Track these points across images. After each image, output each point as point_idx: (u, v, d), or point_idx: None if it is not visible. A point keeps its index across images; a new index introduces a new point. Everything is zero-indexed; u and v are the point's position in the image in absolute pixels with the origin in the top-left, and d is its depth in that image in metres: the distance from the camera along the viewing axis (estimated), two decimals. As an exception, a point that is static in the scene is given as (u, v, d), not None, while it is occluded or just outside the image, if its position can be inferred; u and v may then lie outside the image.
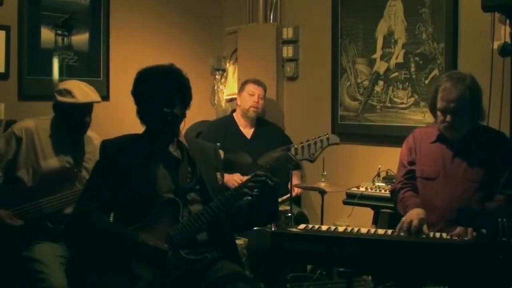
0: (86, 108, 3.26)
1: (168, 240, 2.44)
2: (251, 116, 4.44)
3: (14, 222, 3.02)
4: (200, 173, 2.62)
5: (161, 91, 2.53)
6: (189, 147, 2.66)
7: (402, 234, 2.78)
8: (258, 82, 4.50)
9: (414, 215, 2.84)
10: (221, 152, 3.38)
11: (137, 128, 2.66)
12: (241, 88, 4.54)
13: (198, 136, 4.53)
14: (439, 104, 2.95)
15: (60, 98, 3.21)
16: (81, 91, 3.24)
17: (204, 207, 2.51)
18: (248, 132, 4.48)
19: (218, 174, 2.75)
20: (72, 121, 3.25)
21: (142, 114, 2.61)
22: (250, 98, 4.43)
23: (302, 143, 2.65)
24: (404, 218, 2.84)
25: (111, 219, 2.68)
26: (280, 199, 4.00)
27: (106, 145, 2.62)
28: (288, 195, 3.83)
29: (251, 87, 4.46)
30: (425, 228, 2.80)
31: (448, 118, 2.92)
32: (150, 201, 2.49)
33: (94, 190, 2.54)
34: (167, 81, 2.55)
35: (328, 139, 2.68)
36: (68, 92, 3.20)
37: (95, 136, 3.44)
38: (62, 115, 3.26)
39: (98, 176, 2.58)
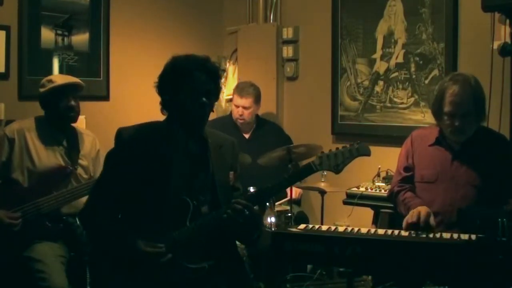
0: (68, 90, 3.29)
1: (171, 244, 2.38)
2: (240, 125, 4.42)
3: (13, 220, 3.02)
4: (214, 173, 2.53)
5: (203, 81, 2.44)
6: (210, 140, 2.56)
7: (409, 221, 2.78)
8: (242, 92, 4.35)
9: (420, 208, 2.84)
10: None
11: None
12: (232, 95, 4.48)
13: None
14: (448, 108, 2.90)
15: (42, 90, 3.28)
16: (61, 77, 3.37)
17: (207, 216, 2.45)
18: (246, 132, 4.48)
19: (231, 174, 2.63)
20: (57, 106, 3.26)
21: (171, 103, 2.49)
22: (235, 110, 4.37)
23: (330, 150, 2.49)
24: (411, 211, 2.84)
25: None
26: (280, 201, 4.00)
27: (122, 134, 2.49)
28: (287, 198, 3.82)
29: (235, 99, 4.37)
30: (432, 219, 2.80)
31: (458, 123, 2.89)
32: (162, 199, 2.41)
33: (106, 185, 2.48)
34: (207, 71, 2.47)
35: (358, 149, 2.49)
36: (48, 81, 3.29)
37: (88, 133, 3.49)
38: (48, 105, 3.30)
39: (112, 167, 2.50)
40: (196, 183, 2.50)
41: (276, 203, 3.93)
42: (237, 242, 2.72)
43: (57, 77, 3.36)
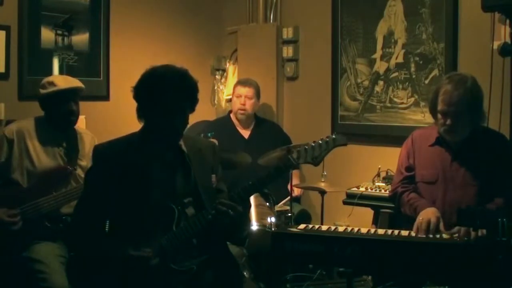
0: (70, 95, 3.27)
1: (159, 250, 2.40)
2: (240, 118, 4.44)
3: (12, 219, 3.02)
4: (195, 177, 2.55)
5: (175, 99, 2.43)
6: (187, 147, 2.58)
7: (419, 234, 2.77)
8: (245, 83, 4.47)
9: (430, 214, 2.84)
10: (214, 140, 3.34)
11: (137, 128, 2.64)
12: (232, 91, 4.56)
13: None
14: (440, 107, 2.93)
15: (43, 91, 3.25)
16: (62, 79, 3.31)
17: (193, 219, 2.47)
18: (245, 132, 4.49)
19: (214, 176, 2.64)
20: (58, 110, 3.25)
21: (145, 114, 2.51)
22: (237, 100, 4.42)
23: (306, 145, 2.53)
24: (420, 218, 2.83)
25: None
26: (282, 202, 4.00)
27: (98, 151, 2.52)
28: (289, 197, 3.82)
29: (237, 89, 4.45)
30: (441, 226, 2.80)
31: (449, 121, 2.90)
32: (146, 208, 2.43)
33: (89, 201, 2.50)
34: (181, 89, 2.44)
35: (334, 140, 2.55)
36: (50, 84, 3.26)
37: (87, 133, 3.48)
38: (48, 108, 3.28)
39: (92, 185, 2.52)
40: (178, 188, 2.52)
41: (278, 204, 3.94)
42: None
43: (59, 80, 3.32)
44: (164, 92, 2.43)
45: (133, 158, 2.48)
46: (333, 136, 2.57)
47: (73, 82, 3.33)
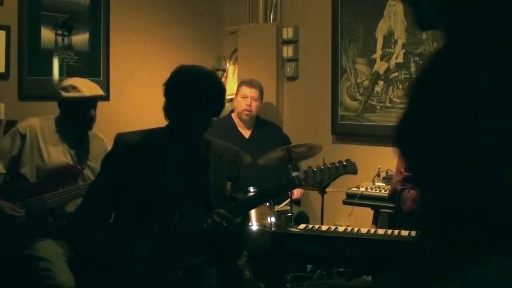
0: (92, 102, 3.29)
1: (152, 250, 2.39)
2: (244, 119, 4.43)
3: (16, 213, 3.02)
4: (209, 182, 2.50)
5: (195, 97, 2.41)
6: (209, 151, 2.53)
7: None
8: (251, 84, 4.45)
9: None
10: None
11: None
12: (236, 91, 4.53)
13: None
14: None
15: (66, 94, 3.24)
16: (86, 85, 3.30)
17: (192, 224, 2.44)
18: (246, 132, 4.49)
19: (229, 184, 2.56)
20: (79, 116, 3.27)
21: (172, 112, 2.48)
22: (243, 101, 4.40)
23: (315, 167, 2.47)
24: None
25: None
26: (282, 204, 4.00)
27: (120, 138, 2.51)
28: (289, 199, 3.83)
29: (243, 90, 4.43)
30: None
31: None
32: (150, 205, 2.42)
33: (99, 186, 2.51)
34: (203, 87, 2.42)
35: (344, 166, 2.49)
36: (73, 88, 3.24)
37: (99, 135, 3.48)
38: (68, 111, 3.28)
39: (107, 168, 2.52)
40: (188, 190, 2.49)
41: (279, 206, 3.94)
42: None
43: (82, 85, 3.28)
44: (185, 89, 2.42)
45: (151, 152, 2.46)
46: (344, 163, 2.51)
47: (96, 90, 3.33)
